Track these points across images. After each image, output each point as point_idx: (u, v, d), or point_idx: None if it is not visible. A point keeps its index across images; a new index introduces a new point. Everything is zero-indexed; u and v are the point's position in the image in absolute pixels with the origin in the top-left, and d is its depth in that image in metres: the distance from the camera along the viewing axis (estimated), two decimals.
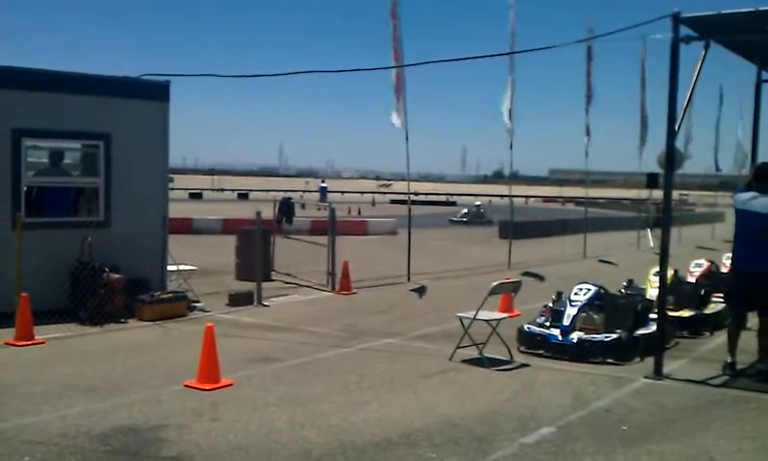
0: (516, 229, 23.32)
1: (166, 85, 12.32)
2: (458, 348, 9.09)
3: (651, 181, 24.58)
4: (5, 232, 10.55)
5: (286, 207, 18.29)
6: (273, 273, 15.91)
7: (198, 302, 12.33)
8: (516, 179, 28.80)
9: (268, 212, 17.06)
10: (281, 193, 34.72)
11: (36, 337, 9.52)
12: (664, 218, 8.92)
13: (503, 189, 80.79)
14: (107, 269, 10.89)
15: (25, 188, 11.14)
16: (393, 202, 68.83)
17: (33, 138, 11.35)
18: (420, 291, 14.45)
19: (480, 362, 8.87)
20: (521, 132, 23.46)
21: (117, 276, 10.95)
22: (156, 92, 12.23)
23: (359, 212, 44.37)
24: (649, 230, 27.61)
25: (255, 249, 13.47)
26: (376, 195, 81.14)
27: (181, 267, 12.86)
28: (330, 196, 61.82)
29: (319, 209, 32.55)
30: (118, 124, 11.69)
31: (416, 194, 65.28)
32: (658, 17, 8.47)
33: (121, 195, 11.69)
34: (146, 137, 12.05)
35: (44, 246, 10.77)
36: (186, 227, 25.47)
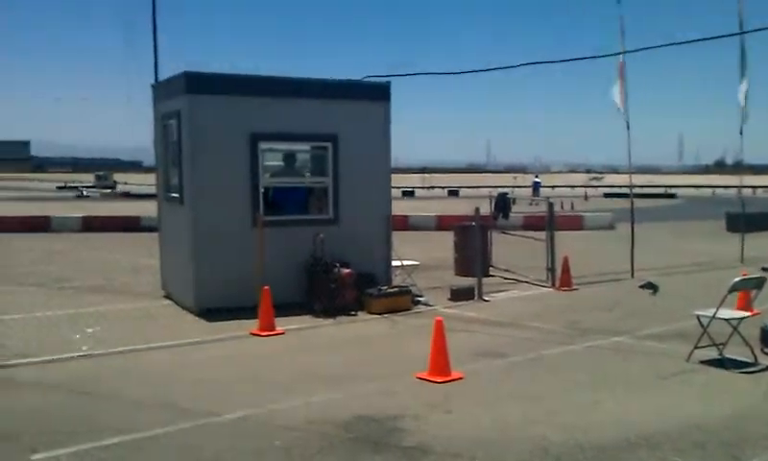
0: (747, 221, 21.62)
1: (387, 86, 12.73)
2: (696, 348, 8.60)
3: None
4: (246, 230, 11.38)
5: (502, 203, 18.12)
6: (491, 268, 15.92)
7: (421, 296, 12.61)
8: (740, 167, 26.62)
9: (484, 208, 17.08)
10: (491, 189, 34.71)
11: (276, 328, 10.16)
12: None
13: (726, 180, 75.55)
14: (337, 264, 11.43)
15: (262, 189, 11.93)
16: (606, 195, 66.52)
17: (268, 142, 12.09)
18: (653, 289, 13.78)
19: (721, 363, 8.33)
20: (752, 116, 21.69)
21: (347, 271, 11.45)
22: (378, 93, 12.66)
23: (572, 207, 43.33)
24: None
25: (474, 244, 13.55)
26: (588, 189, 78.83)
27: (405, 262, 13.19)
28: (542, 191, 60.91)
29: (531, 204, 32.17)
30: (344, 125, 12.22)
31: (633, 187, 62.62)
32: None
33: (348, 193, 12.21)
34: (370, 137, 12.49)
35: (281, 242, 11.51)
36: (403, 223, 26.16)
